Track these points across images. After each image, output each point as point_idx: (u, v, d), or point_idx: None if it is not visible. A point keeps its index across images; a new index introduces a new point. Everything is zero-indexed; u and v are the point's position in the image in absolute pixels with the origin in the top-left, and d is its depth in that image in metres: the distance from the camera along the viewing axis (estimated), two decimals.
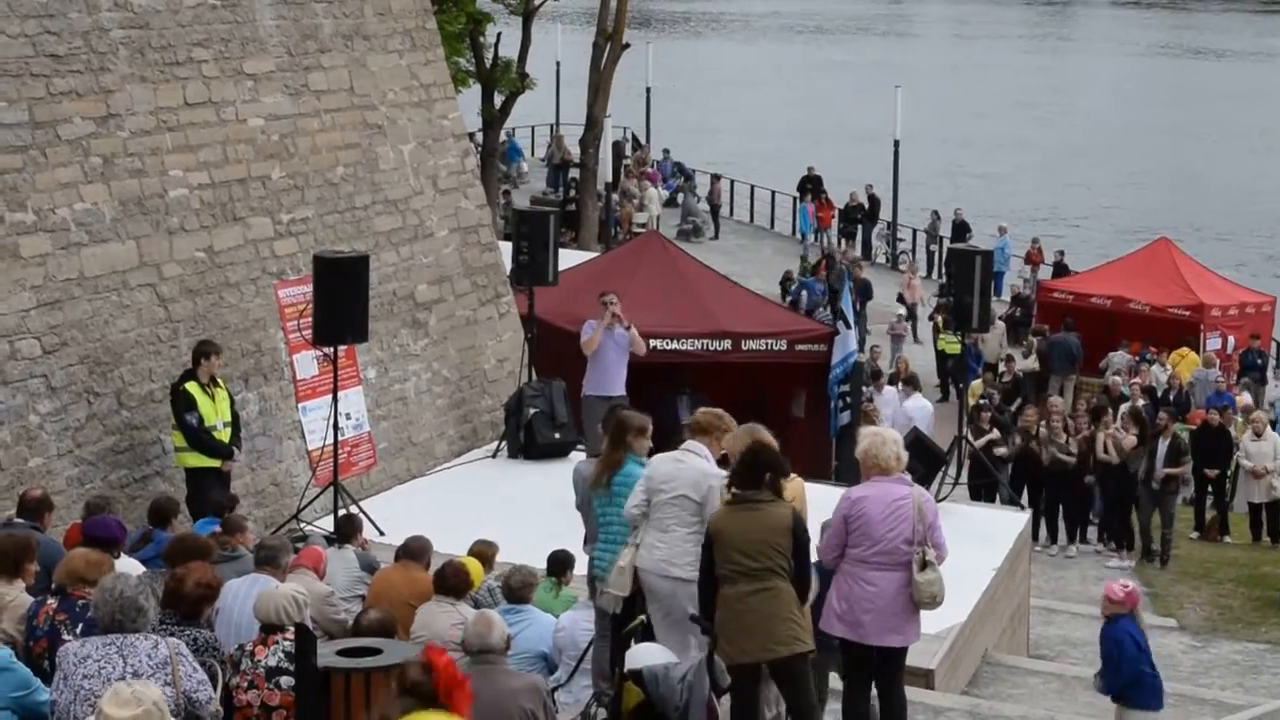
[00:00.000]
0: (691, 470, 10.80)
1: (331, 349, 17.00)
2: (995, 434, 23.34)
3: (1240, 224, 58.50)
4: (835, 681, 11.65)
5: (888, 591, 10.51)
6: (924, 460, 18.57)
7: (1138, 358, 31.57)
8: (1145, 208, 60.51)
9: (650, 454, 11.40)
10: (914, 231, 47.81)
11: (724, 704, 10.61)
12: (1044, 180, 64.87)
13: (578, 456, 18.08)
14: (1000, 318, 36.32)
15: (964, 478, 20.91)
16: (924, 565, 10.53)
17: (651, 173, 51.82)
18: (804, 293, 38.41)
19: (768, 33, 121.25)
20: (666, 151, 55.36)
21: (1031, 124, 77.95)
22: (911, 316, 38.43)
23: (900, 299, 39.18)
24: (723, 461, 11.08)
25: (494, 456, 20.09)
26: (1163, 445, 23.50)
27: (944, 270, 36.78)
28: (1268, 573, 22.97)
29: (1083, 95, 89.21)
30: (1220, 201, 61.87)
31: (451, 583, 11.67)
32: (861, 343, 29.27)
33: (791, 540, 10.12)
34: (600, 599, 11.45)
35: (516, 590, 12.37)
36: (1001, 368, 31.68)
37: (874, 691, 11.00)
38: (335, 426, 17.05)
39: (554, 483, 15.82)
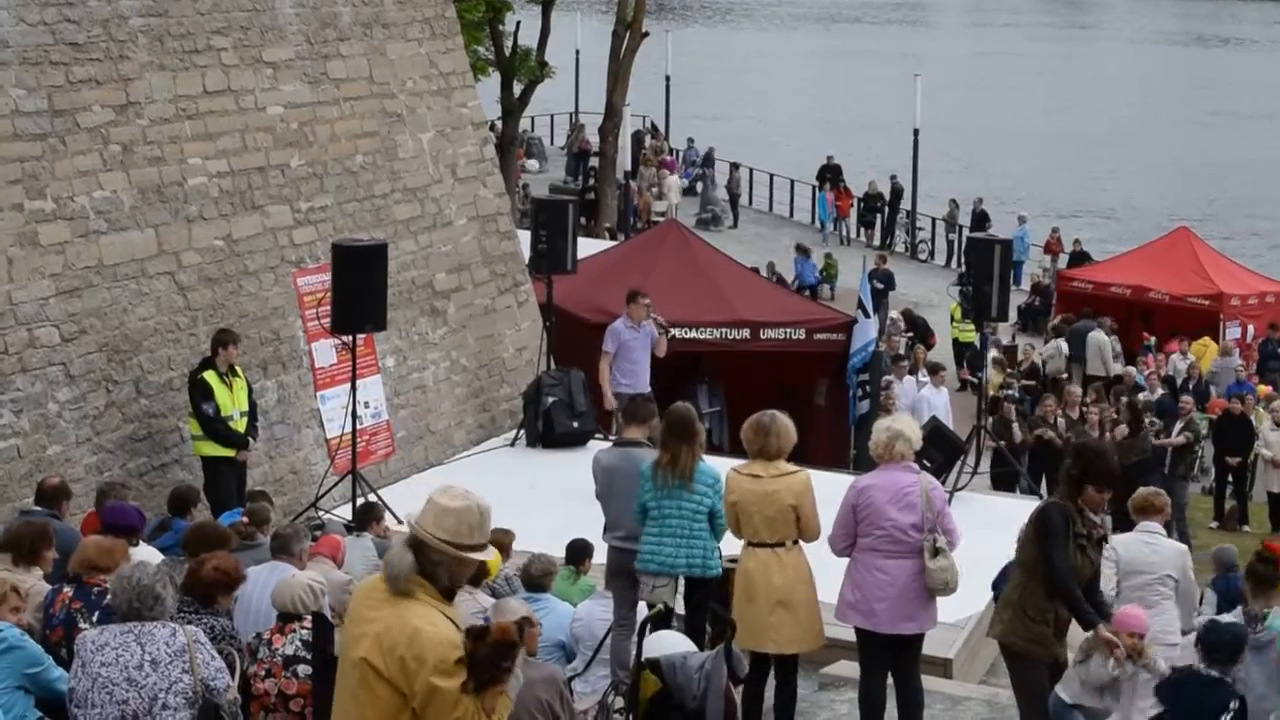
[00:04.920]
0: (1169, 550, 11.69)
1: (350, 337, 17.01)
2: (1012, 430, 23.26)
3: (1260, 213, 58.30)
4: (851, 670, 11.63)
5: (900, 579, 10.49)
6: (943, 449, 18.54)
7: (1150, 350, 31.31)
8: (1164, 196, 60.34)
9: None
10: (933, 221, 47.72)
11: (739, 692, 10.58)
12: (1063, 169, 64.67)
13: (596, 445, 18.07)
14: (1019, 307, 36.13)
15: (983, 467, 20.84)
16: (936, 552, 10.52)
17: (669, 160, 51.71)
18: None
19: (786, 21, 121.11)
20: (690, 140, 55.19)
21: (1049, 113, 77.72)
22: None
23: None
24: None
25: (512, 445, 20.09)
26: (1177, 428, 23.51)
27: (963, 259, 36.66)
28: None
29: (1100, 83, 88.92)
30: (1239, 190, 61.69)
31: None
32: (881, 332, 29.16)
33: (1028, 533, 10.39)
34: (651, 594, 11.24)
35: (537, 578, 12.33)
36: (1022, 356, 31.33)
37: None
38: (354, 415, 17.05)
39: (572, 471, 15.79)
